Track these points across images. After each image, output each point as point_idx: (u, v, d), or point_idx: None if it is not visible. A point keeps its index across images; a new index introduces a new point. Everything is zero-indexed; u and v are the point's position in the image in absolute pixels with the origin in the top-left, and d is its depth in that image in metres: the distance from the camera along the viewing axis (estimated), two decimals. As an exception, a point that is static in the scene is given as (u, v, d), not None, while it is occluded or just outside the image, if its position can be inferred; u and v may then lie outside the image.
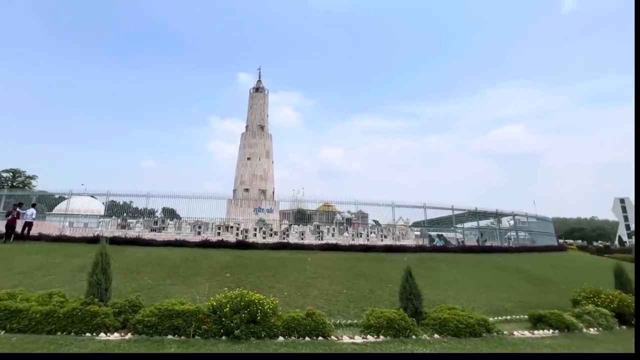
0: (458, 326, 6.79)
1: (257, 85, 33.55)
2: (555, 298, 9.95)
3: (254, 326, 6.06)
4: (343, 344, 5.93)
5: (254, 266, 10.83)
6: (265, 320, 6.21)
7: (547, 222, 27.14)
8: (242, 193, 29.12)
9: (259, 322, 6.13)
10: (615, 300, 8.58)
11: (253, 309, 6.21)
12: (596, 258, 24.33)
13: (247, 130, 31.98)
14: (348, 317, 7.58)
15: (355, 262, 12.25)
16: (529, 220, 24.67)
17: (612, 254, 33.49)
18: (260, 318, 6.16)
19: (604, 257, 27.32)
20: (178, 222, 18.84)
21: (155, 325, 5.83)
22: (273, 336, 6.04)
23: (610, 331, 7.79)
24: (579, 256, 23.61)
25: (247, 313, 6.11)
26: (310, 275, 10.44)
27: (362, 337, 6.32)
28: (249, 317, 6.10)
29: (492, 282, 11.64)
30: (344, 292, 9.17)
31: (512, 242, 22.31)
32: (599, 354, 3.93)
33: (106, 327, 5.87)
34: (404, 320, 6.72)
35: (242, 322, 5.99)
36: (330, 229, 21.73)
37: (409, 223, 23.57)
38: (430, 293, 9.26)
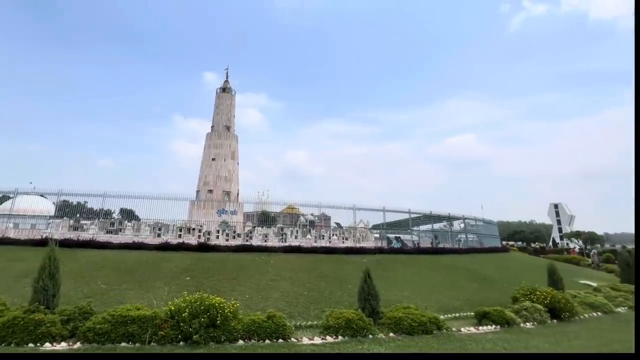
0: (412, 324, 6.95)
1: (224, 86, 32.69)
2: (498, 296, 10.46)
3: (214, 330, 5.83)
4: (302, 346, 5.86)
5: (215, 269, 10.47)
6: (226, 324, 6.00)
7: (493, 225, 28.69)
8: (206, 194, 28.20)
9: (218, 326, 5.91)
10: (548, 297, 9.18)
11: (213, 313, 5.98)
12: (533, 258, 26.04)
13: (212, 130, 31.06)
14: (308, 318, 7.52)
15: (317, 264, 12.22)
16: (477, 224, 25.94)
17: (546, 254, 35.98)
18: (221, 322, 5.95)
19: (540, 257, 29.31)
20: (137, 223, 17.81)
21: (108, 333, 5.43)
22: (233, 340, 5.85)
23: (544, 325, 8.32)
24: (519, 257, 25.14)
25: (206, 317, 5.87)
26: (273, 277, 10.27)
27: (321, 338, 6.28)
28: (208, 322, 5.87)
29: (444, 282, 12.06)
30: (305, 294, 9.10)
31: (462, 244, 23.33)
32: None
33: (52, 336, 5.38)
34: (362, 320, 6.77)
35: (202, 327, 5.75)
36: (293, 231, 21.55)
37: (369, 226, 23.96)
38: (388, 293, 9.41)
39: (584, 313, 9.77)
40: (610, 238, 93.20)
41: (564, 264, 22.54)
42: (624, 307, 11.00)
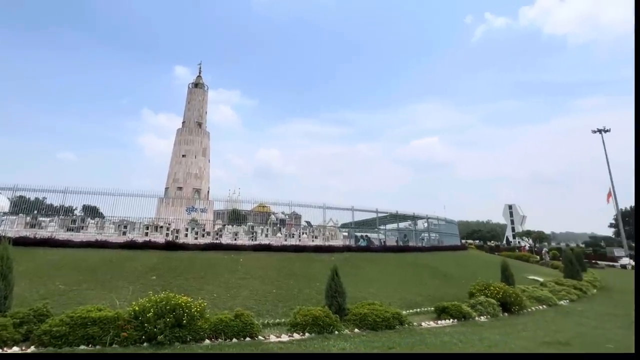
0: (376, 320, 7.09)
1: (196, 81, 31.70)
2: (456, 291, 10.88)
3: (180, 330, 5.66)
4: (270, 343, 5.81)
5: (183, 268, 10.15)
6: (192, 324, 5.84)
7: (454, 225, 29.80)
8: (175, 191, 27.27)
9: (185, 326, 5.74)
10: (501, 292, 9.67)
11: (179, 313, 5.80)
12: (489, 256, 27.31)
13: (183, 126, 30.04)
14: (277, 316, 7.47)
15: (286, 262, 12.16)
16: (439, 223, 26.83)
17: (500, 252, 37.90)
18: (187, 322, 5.78)
19: (495, 254, 30.82)
20: (101, 221, 16.88)
21: (66, 336, 5.11)
22: (199, 339, 5.70)
23: (496, 318, 8.76)
24: (476, 254, 26.30)
25: (172, 317, 5.68)
26: (242, 276, 10.10)
27: (288, 336, 6.27)
28: (174, 322, 5.68)
29: (407, 279, 12.39)
30: (274, 292, 9.03)
31: (425, 243, 24.07)
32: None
33: (3, 340, 4.99)
34: (329, 317, 6.82)
35: (167, 327, 5.55)
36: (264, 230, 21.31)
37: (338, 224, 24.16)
38: (354, 290, 9.53)
39: (532, 306, 10.37)
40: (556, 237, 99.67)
41: (515, 260, 23.83)
42: (565, 300, 11.79)
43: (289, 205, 19.44)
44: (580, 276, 16.03)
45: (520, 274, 14.96)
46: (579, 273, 16.31)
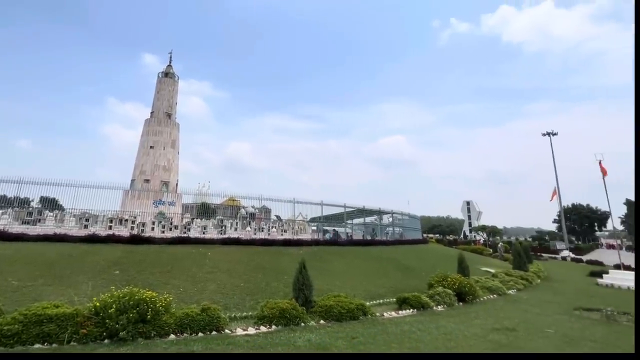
0: (341, 311, 7.19)
1: (166, 70, 30.32)
2: (417, 282, 11.28)
3: (143, 326, 5.44)
4: (236, 337, 5.73)
5: (148, 262, 9.74)
6: (157, 319, 5.63)
7: (416, 220, 30.77)
8: (142, 184, 26.12)
9: (149, 322, 5.53)
10: (457, 283, 10.12)
11: (143, 308, 5.57)
12: (447, 249, 28.50)
13: (152, 116, 28.70)
14: (244, 309, 7.37)
15: (255, 256, 12.02)
16: (403, 218, 27.61)
17: (458, 245, 39.69)
18: (151, 317, 5.57)
19: (453, 247, 32.23)
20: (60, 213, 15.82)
21: (19, 334, 4.76)
22: (164, 335, 5.52)
23: (452, 307, 9.17)
24: (436, 247, 27.33)
25: (136, 312, 5.45)
26: (209, 269, 9.86)
27: (255, 328, 6.21)
28: (137, 317, 5.45)
29: (372, 271, 12.65)
30: (242, 286, 8.91)
31: (389, 237, 24.68)
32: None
33: (-52, 341, 4.57)
34: (295, 309, 6.83)
35: (130, 323, 5.32)
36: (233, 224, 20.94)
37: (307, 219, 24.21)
38: (321, 283, 9.61)
39: (484, 295, 10.95)
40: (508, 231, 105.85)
41: (471, 253, 25.04)
42: (514, 290, 12.56)
43: (259, 199, 19.15)
44: (526, 267, 17.15)
45: (474, 265, 15.75)
46: (525, 264, 17.44)
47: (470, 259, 14.89)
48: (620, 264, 18.43)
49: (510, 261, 21.00)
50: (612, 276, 16.40)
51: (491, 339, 6.39)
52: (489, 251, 31.57)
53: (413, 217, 29.49)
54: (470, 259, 14.22)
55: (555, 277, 18.06)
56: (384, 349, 5.41)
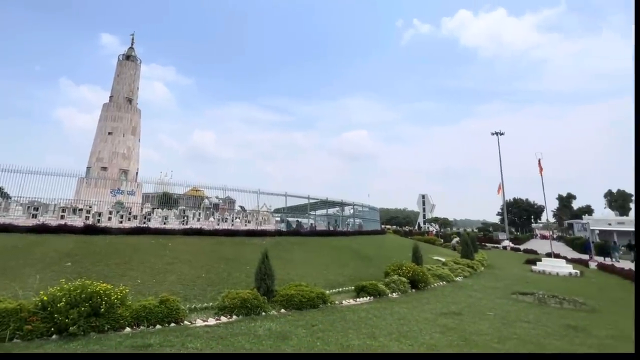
0: (301, 300, 7.21)
1: (128, 53, 28.22)
2: (375, 271, 11.59)
3: (96, 320, 5.11)
4: (196, 328, 5.55)
5: (104, 253, 9.14)
6: (111, 312, 5.31)
7: (375, 211, 31.60)
8: (99, 172, 24.40)
9: (103, 315, 5.20)
10: (411, 271, 10.51)
11: (96, 301, 5.22)
12: (403, 239, 29.60)
13: (111, 101, 26.71)
14: (205, 300, 7.16)
15: (218, 246, 11.71)
16: (363, 210, 28.23)
17: (413, 235, 41.35)
18: (105, 310, 5.23)
19: (408, 238, 33.54)
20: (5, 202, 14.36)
21: (-49, 332, 4.28)
22: (119, 328, 5.22)
23: (406, 294, 9.53)
24: (393, 238, 28.27)
25: (88, 306, 5.09)
26: (170, 260, 9.46)
27: (215, 319, 6.06)
28: (90, 311, 5.10)
29: (332, 261, 12.82)
30: (203, 276, 8.64)
31: (350, 227, 25.15)
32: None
33: None
34: (257, 299, 6.75)
35: (81, 317, 4.97)
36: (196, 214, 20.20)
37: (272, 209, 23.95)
38: (284, 272, 9.59)
39: (435, 282, 11.50)
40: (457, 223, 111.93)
41: (424, 243, 26.18)
42: (461, 277, 13.32)
43: (223, 190, 18.64)
44: (473, 256, 18.26)
45: (427, 255, 16.47)
46: (472, 253, 18.57)
47: (423, 248, 15.54)
48: (551, 252, 20.18)
49: (458, 250, 22.25)
50: (544, 263, 17.91)
51: (440, 323, 6.73)
52: (440, 241, 33.20)
53: (373, 209, 30.25)
54: (423, 249, 14.84)
55: (496, 264, 19.41)
56: (341, 335, 5.50)
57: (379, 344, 5.20)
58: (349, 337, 5.47)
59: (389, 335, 5.68)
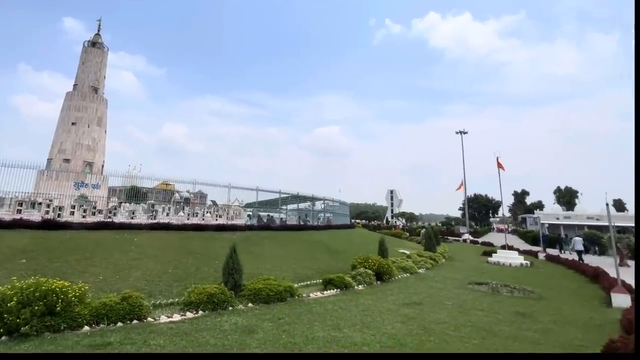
0: (269, 294, 7.15)
1: (94, 39, 26.42)
2: (343, 264, 11.72)
3: (52, 319, 4.79)
4: (159, 324, 5.36)
5: (63, 249, 8.57)
6: (68, 311, 5.00)
7: (346, 206, 31.98)
8: (61, 164, 22.84)
9: (58, 314, 4.89)
10: (377, 264, 10.72)
11: (52, 300, 4.90)
12: (372, 233, 30.20)
13: (75, 89, 24.99)
14: (170, 296, 6.93)
15: (186, 241, 11.34)
16: (334, 204, 28.48)
17: (381, 229, 42.27)
18: (61, 308, 4.93)
19: (376, 232, 34.25)
20: (-47, 195, 13.09)
21: None
22: (76, 327, 4.93)
23: (371, 286, 9.72)
24: (362, 232, 28.76)
25: (42, 305, 4.77)
26: (135, 256, 9.05)
27: (181, 315, 5.88)
28: (44, 310, 4.79)
29: (302, 255, 12.82)
30: (170, 272, 8.35)
31: (321, 222, 25.29)
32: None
33: None
34: (224, 293, 6.62)
35: (35, 317, 4.64)
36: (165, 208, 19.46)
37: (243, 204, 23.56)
38: (253, 267, 9.47)
39: (399, 274, 11.81)
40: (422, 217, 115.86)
41: (391, 237, 26.87)
42: (423, 269, 13.78)
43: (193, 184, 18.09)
44: (435, 249, 18.95)
45: (393, 248, 16.90)
46: (434, 246, 19.26)
47: (390, 242, 15.94)
48: (505, 244, 21.39)
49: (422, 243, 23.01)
50: (499, 255, 18.94)
51: (401, 313, 6.92)
52: (406, 235, 34.18)
53: (343, 204, 30.57)
54: (390, 242, 15.21)
55: (457, 256, 20.28)
56: (307, 328, 5.52)
57: (343, 335, 5.27)
58: (314, 329, 5.50)
59: (352, 326, 5.77)
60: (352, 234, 23.09)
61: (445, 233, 41.97)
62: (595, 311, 8.19)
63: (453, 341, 5.34)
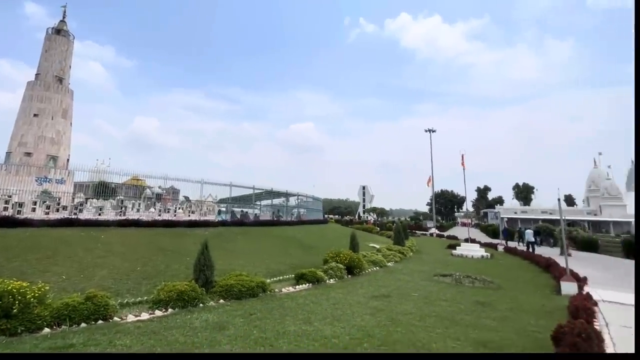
0: (241, 290, 7.04)
1: (59, 27, 24.62)
2: (315, 259, 11.75)
3: (7, 322, 4.48)
4: (126, 324, 5.14)
5: (22, 247, 7.98)
6: (26, 313, 4.69)
7: (319, 202, 32.13)
8: (22, 157, 21.27)
9: (15, 316, 4.57)
10: (348, 258, 10.84)
11: (8, 301, 4.58)
12: (344, 228, 30.53)
13: (37, 79, 23.26)
14: (139, 294, 6.65)
15: (156, 238, 10.93)
16: (307, 200, 28.50)
17: (353, 224, 42.81)
18: (19, 310, 4.61)
19: (349, 227, 34.69)
20: None
21: None
22: (36, 330, 4.62)
23: (342, 280, 9.83)
24: (335, 227, 29.04)
25: (-3, 307, 4.42)
26: (101, 254, 8.60)
27: (149, 314, 5.67)
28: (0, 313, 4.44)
29: (275, 250, 12.75)
30: (138, 270, 8.01)
31: (295, 217, 25.24)
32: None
33: None
34: (194, 290, 6.45)
35: (-13, 320, 4.30)
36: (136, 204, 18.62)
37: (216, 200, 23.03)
38: (225, 263, 9.29)
39: (369, 268, 12.02)
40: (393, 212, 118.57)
41: (363, 232, 27.33)
42: (392, 262, 14.14)
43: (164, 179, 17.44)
44: (403, 243, 19.48)
45: (364, 242, 17.21)
46: (403, 240, 19.80)
47: (361, 236, 16.20)
48: (468, 238, 22.38)
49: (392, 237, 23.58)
50: (462, 248, 19.81)
51: (371, 305, 7.06)
52: (377, 229, 34.87)
53: (316, 200, 30.68)
54: (361, 237, 15.46)
55: (424, 250, 20.98)
56: (278, 322, 5.50)
57: (314, 329, 5.30)
58: (285, 323, 5.49)
59: (323, 320, 5.82)
60: (325, 229, 23.23)
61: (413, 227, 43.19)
62: (546, 299, 8.74)
63: (418, 331, 5.50)
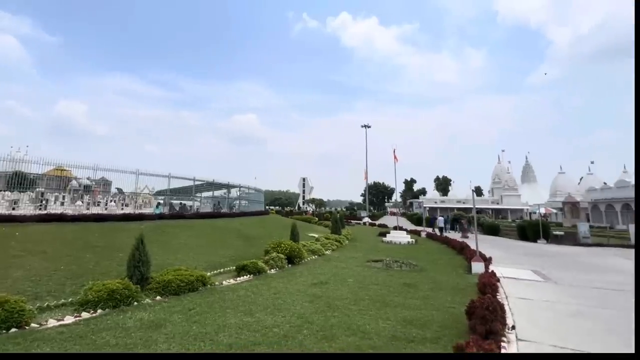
0: (179, 285, 6.69)
1: None
2: (256, 250, 11.64)
3: None
4: (46, 330, 4.55)
5: None
6: None
7: (260, 193, 31.64)
8: None
9: None
10: (288, 248, 10.92)
11: None
12: (284, 219, 30.60)
13: None
14: (62, 296, 5.91)
15: (84, 234, 9.72)
16: (249, 192, 27.85)
17: (293, 215, 43.22)
18: None
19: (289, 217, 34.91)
20: None
21: None
22: None
23: (283, 270, 9.91)
24: (275, 218, 28.94)
25: None
26: (16, 253, 7.38)
27: (75, 317, 5.09)
28: None
29: (216, 243, 12.30)
30: (62, 269, 7.07)
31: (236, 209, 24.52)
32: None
33: None
34: (128, 288, 5.95)
35: None
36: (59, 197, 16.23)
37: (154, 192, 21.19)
38: (163, 257, 8.74)
39: (308, 257, 12.30)
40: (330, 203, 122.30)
41: (303, 222, 27.75)
42: (330, 250, 14.68)
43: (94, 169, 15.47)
44: (340, 232, 20.35)
45: (304, 232, 17.52)
46: (340, 230, 20.67)
47: (301, 226, 16.45)
48: (397, 226, 24.26)
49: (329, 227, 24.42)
50: (391, 235, 21.41)
51: (310, 293, 7.25)
52: (315, 220, 35.71)
53: (258, 191, 30.20)
54: (301, 227, 15.70)
55: (358, 238, 22.13)
56: (219, 316, 5.39)
57: (255, 320, 5.31)
58: (226, 316, 5.40)
59: (264, 310, 5.85)
60: (266, 220, 23.05)
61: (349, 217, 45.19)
62: (460, 278, 9.88)
63: (354, 314, 5.80)
